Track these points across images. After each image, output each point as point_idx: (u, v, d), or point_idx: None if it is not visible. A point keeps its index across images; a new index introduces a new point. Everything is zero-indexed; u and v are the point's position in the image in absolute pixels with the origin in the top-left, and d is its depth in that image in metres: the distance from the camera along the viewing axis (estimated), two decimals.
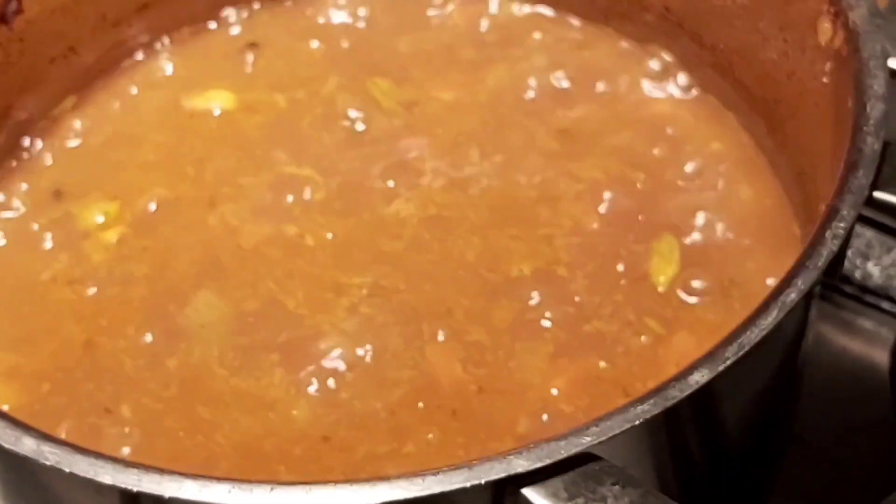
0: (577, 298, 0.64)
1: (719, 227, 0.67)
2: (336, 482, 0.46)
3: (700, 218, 0.67)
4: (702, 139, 0.71)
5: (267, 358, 0.63)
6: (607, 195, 0.68)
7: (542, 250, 0.66)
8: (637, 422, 0.46)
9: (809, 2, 0.62)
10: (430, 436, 0.60)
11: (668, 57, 0.74)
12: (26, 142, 0.73)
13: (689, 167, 0.70)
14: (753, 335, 0.48)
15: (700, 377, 0.47)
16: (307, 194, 0.70)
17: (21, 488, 0.53)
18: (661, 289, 0.64)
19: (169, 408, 0.62)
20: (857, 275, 0.75)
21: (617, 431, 0.46)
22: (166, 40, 0.78)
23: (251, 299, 0.65)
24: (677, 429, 0.50)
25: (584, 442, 0.46)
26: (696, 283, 0.64)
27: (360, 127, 0.73)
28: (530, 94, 0.74)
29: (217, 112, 0.74)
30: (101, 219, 0.69)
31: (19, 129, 0.73)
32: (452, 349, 0.63)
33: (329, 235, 0.68)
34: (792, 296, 0.49)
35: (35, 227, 0.69)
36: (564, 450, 0.46)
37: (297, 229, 0.68)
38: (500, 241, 0.67)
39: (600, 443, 0.46)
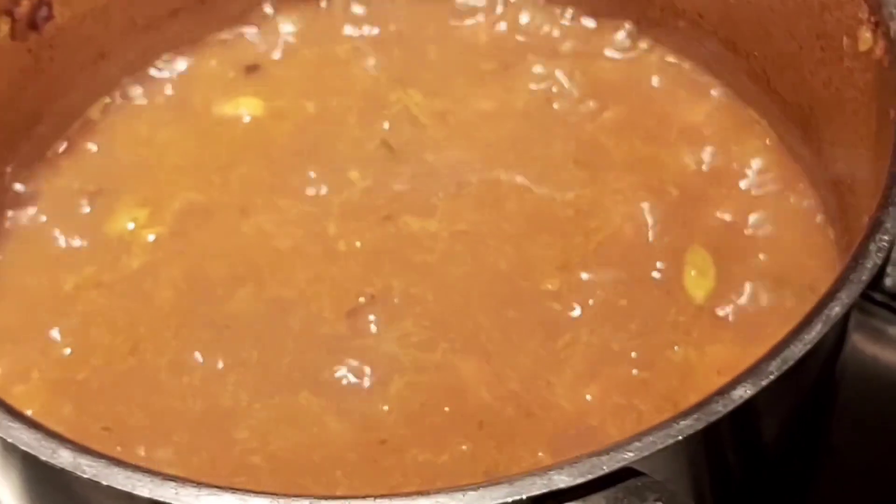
0: (611, 310, 0.63)
1: (754, 236, 0.66)
2: (374, 496, 0.45)
3: (733, 227, 0.67)
4: (736, 148, 0.70)
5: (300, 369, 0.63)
6: (643, 205, 0.68)
7: (576, 261, 0.66)
8: (680, 437, 0.45)
9: (847, 10, 0.61)
10: (464, 447, 0.59)
11: (701, 65, 0.74)
12: (56, 147, 0.73)
13: (723, 176, 0.69)
14: (798, 349, 0.47)
15: (744, 392, 0.46)
16: (336, 202, 0.69)
17: (53, 501, 0.53)
18: (697, 301, 0.64)
19: (209, 417, 0.61)
20: (888, 282, 0.74)
21: (660, 447, 0.45)
22: (197, 45, 0.77)
23: (285, 303, 0.65)
24: (718, 443, 0.49)
25: (627, 457, 0.45)
26: (730, 295, 0.64)
27: (391, 136, 0.72)
28: (563, 103, 0.73)
29: (246, 119, 0.74)
30: (131, 225, 0.69)
31: (50, 135, 0.73)
32: (483, 359, 0.62)
33: (358, 244, 0.67)
34: (836, 309, 0.49)
35: (64, 232, 0.69)
36: (606, 465, 0.45)
37: (328, 236, 0.68)
38: (533, 252, 0.66)
39: (642, 458, 0.45)
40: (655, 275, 0.65)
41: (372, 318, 0.64)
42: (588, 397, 0.61)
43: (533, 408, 0.61)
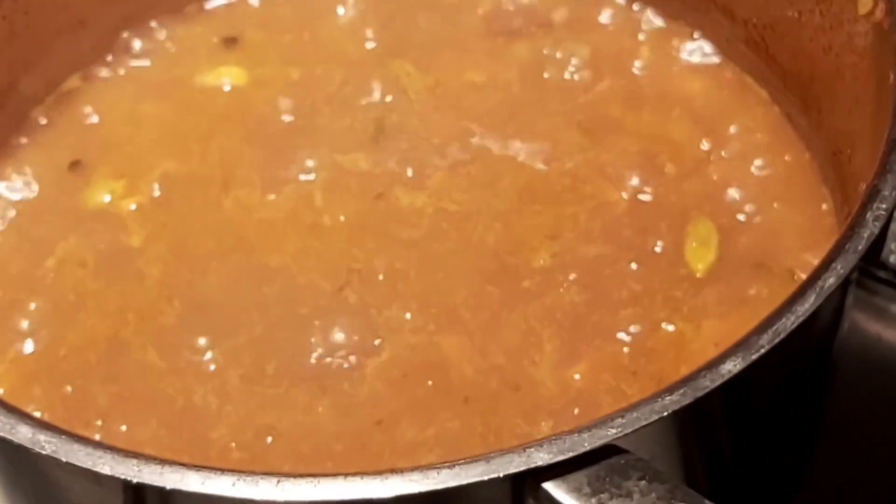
0: (604, 283, 0.62)
1: (751, 208, 0.65)
2: (346, 475, 0.44)
3: (732, 199, 0.65)
4: (733, 117, 0.68)
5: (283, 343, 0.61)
6: (636, 176, 0.66)
7: (568, 234, 0.64)
8: (665, 413, 0.44)
9: None
10: (450, 424, 0.57)
11: (698, 33, 0.72)
12: (32, 117, 0.71)
13: (720, 146, 0.67)
14: (789, 322, 0.45)
15: (732, 366, 0.44)
16: (321, 177, 0.67)
17: (18, 478, 0.51)
18: (699, 275, 0.62)
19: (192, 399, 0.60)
20: (892, 259, 0.72)
21: (644, 423, 0.43)
22: (178, 15, 0.75)
23: (268, 277, 0.63)
24: (707, 420, 0.47)
25: (610, 434, 0.43)
26: (729, 266, 0.62)
27: (379, 108, 0.70)
28: (555, 73, 0.71)
29: (227, 88, 0.72)
30: (108, 197, 0.67)
31: (25, 105, 0.71)
32: (468, 334, 0.61)
33: (342, 218, 0.65)
34: (830, 280, 0.46)
35: (42, 204, 0.67)
36: (588, 442, 0.43)
37: (313, 210, 0.66)
38: (523, 225, 0.64)
39: (626, 435, 0.43)
40: (656, 249, 0.63)
41: (356, 293, 0.62)
42: (577, 376, 0.59)
43: (522, 382, 0.59)
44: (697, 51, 0.72)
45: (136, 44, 0.74)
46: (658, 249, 0.63)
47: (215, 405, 0.59)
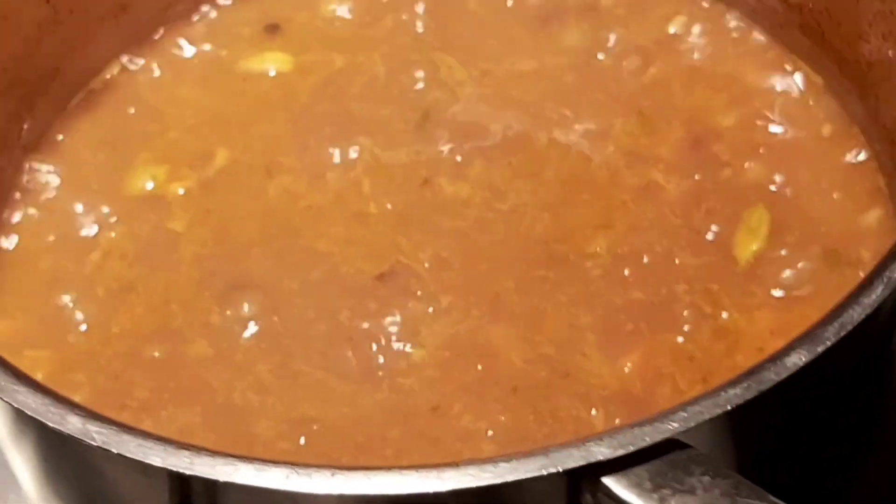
0: (655, 272, 0.61)
1: (804, 196, 0.63)
2: (400, 468, 0.43)
3: (785, 187, 0.63)
4: (788, 104, 0.67)
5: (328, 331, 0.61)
6: (688, 163, 0.64)
7: (618, 223, 0.63)
8: (729, 407, 0.43)
9: None
10: (501, 417, 0.57)
11: (750, 19, 0.70)
12: (74, 104, 0.70)
13: (774, 133, 0.66)
14: (856, 314, 0.44)
15: (798, 359, 0.43)
16: (364, 162, 0.66)
17: (62, 468, 0.51)
18: (750, 263, 0.61)
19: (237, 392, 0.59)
20: None
21: (707, 417, 0.42)
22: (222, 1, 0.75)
23: (313, 264, 0.63)
24: (770, 414, 0.46)
25: (671, 428, 0.42)
26: (783, 254, 0.61)
27: (424, 96, 0.69)
28: (604, 60, 0.70)
29: (272, 74, 0.71)
30: (150, 184, 0.66)
31: (68, 91, 0.70)
32: (517, 325, 0.60)
33: (389, 206, 0.64)
34: None
35: (84, 191, 0.67)
36: (649, 436, 0.42)
37: (359, 198, 0.65)
38: (572, 215, 0.63)
39: (688, 429, 0.42)
40: (708, 236, 0.62)
41: (401, 281, 0.61)
42: (628, 365, 0.58)
43: (572, 373, 0.58)
44: (750, 37, 0.70)
45: (179, 30, 0.73)
46: (710, 237, 0.62)
47: (259, 396, 0.58)
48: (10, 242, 0.65)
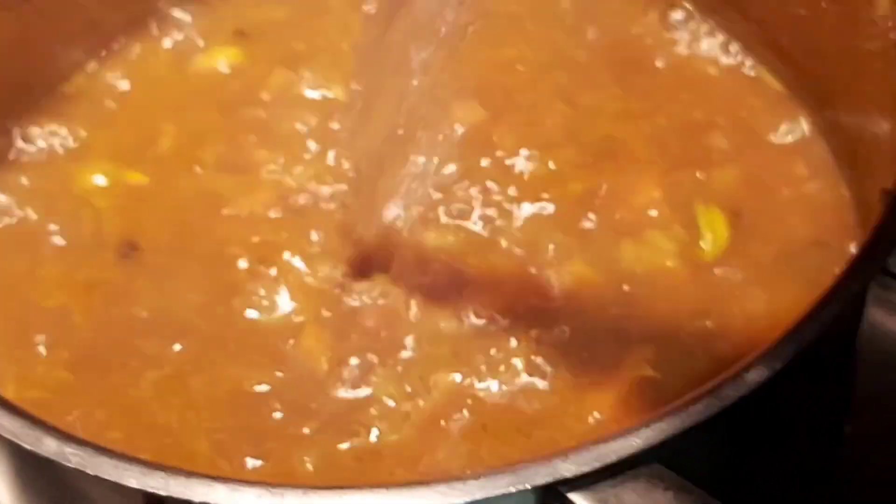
0: None
1: (768, 200, 0.64)
2: (372, 486, 0.44)
3: (748, 191, 0.64)
4: (751, 111, 0.68)
5: None
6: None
7: None
8: (691, 423, 0.44)
9: None
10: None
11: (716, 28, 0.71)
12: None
13: (733, 138, 0.67)
14: (813, 330, 0.45)
15: (758, 375, 0.44)
16: None
17: (41, 490, 0.51)
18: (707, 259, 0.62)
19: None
20: None
21: (670, 434, 0.43)
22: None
23: None
24: (732, 429, 0.47)
25: (635, 445, 0.43)
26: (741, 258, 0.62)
27: None
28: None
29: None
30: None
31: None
32: None
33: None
34: (854, 288, 0.46)
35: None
36: (615, 453, 0.43)
37: None
38: None
39: (652, 446, 0.43)
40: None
41: None
42: None
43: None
44: (717, 46, 0.71)
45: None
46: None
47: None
48: None
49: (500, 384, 0.57)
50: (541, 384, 0.57)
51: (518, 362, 0.58)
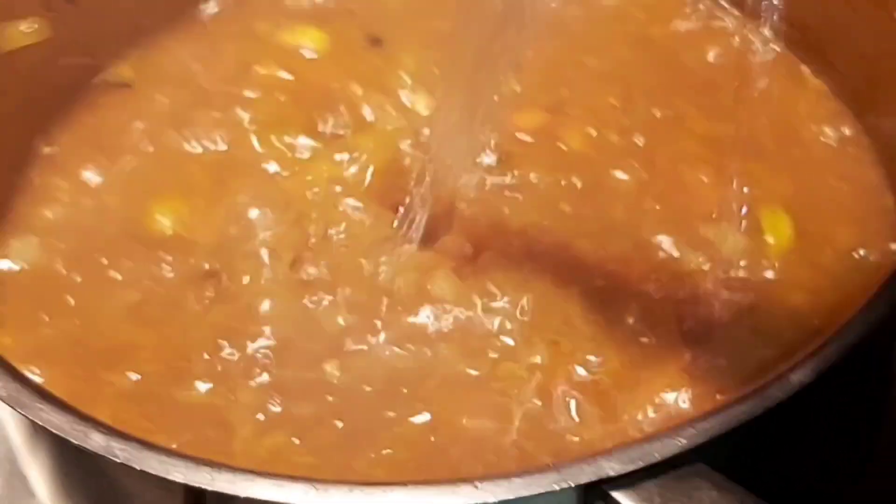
0: None
1: (811, 204, 0.63)
2: (415, 483, 0.44)
3: (792, 194, 0.64)
4: (793, 114, 0.68)
5: None
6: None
7: None
8: (736, 423, 0.44)
9: None
10: None
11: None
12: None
13: (778, 142, 0.66)
14: (857, 334, 0.45)
15: (803, 376, 0.44)
16: None
17: (79, 480, 0.51)
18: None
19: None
20: None
21: (715, 433, 0.44)
22: None
23: None
24: (775, 429, 0.47)
25: (680, 444, 0.43)
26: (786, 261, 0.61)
27: None
28: None
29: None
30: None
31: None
32: None
33: None
34: None
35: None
36: (659, 452, 0.43)
37: None
38: None
39: (696, 445, 0.43)
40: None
41: None
42: None
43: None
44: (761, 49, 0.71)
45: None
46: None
47: None
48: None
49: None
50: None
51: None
